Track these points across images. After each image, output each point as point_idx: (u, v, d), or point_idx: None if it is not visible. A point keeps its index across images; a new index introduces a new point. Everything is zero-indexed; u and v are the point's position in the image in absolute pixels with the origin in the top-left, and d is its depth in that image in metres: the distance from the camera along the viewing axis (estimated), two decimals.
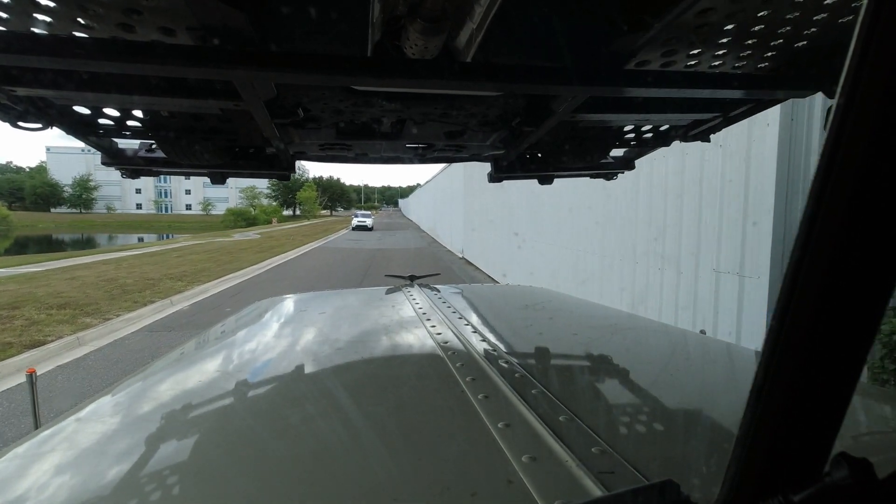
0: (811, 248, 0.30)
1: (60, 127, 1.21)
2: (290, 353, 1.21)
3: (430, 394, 0.90)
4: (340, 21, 0.88)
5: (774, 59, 1.05)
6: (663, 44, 0.94)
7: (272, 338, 1.40)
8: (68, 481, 0.67)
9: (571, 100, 1.15)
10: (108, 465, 0.70)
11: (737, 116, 1.43)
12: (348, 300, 1.88)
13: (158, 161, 1.52)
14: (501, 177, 1.88)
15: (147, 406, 0.92)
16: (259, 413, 0.87)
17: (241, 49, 0.84)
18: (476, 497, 0.57)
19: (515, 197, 10.48)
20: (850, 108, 0.28)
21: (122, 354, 6.10)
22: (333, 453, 0.69)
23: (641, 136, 1.69)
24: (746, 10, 0.83)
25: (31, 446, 0.79)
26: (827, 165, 0.29)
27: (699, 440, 0.77)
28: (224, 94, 1.05)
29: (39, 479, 0.68)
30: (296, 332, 1.42)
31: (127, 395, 1.01)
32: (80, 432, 0.84)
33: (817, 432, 0.34)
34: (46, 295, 8.94)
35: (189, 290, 10.21)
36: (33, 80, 0.94)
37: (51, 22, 0.76)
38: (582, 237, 6.78)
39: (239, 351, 1.28)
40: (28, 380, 1.65)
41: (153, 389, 1.03)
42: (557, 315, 1.69)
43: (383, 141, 1.52)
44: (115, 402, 0.98)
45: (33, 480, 0.68)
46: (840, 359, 0.32)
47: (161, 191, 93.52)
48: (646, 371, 1.10)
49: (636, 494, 0.47)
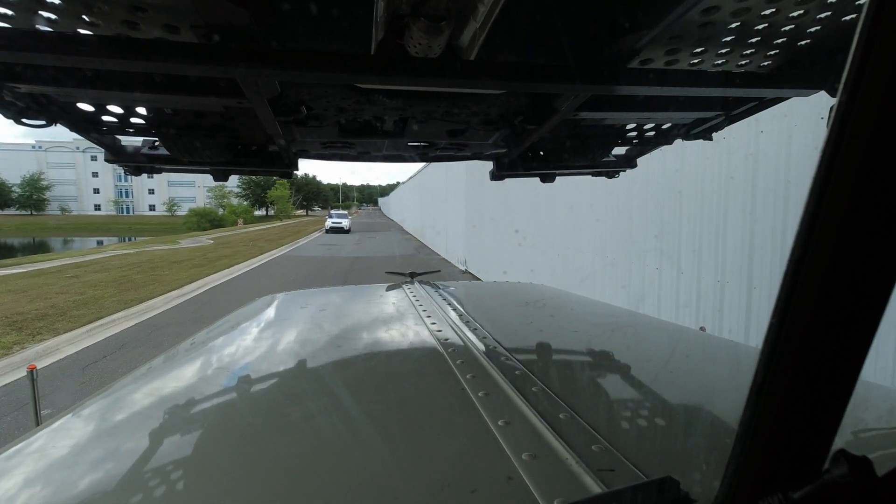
0: (812, 245, 0.30)
1: (63, 124, 1.21)
2: (290, 349, 1.21)
3: (431, 391, 0.90)
4: (344, 19, 0.89)
5: (777, 58, 1.05)
6: (667, 42, 0.94)
7: (272, 334, 1.40)
8: (69, 479, 0.67)
9: (574, 98, 1.14)
10: (109, 462, 0.70)
11: (739, 115, 1.43)
12: (349, 297, 1.88)
13: (161, 158, 1.53)
14: (503, 175, 1.88)
15: (147, 403, 0.92)
16: (259, 409, 0.87)
17: (246, 46, 0.84)
18: (476, 494, 0.57)
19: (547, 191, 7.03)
20: (851, 106, 0.28)
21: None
22: (334, 450, 0.69)
23: (644, 134, 1.68)
24: (751, 8, 0.83)
25: (32, 444, 0.79)
26: (828, 163, 0.29)
27: (699, 437, 0.77)
28: (228, 91, 1.05)
29: (40, 478, 0.68)
30: (296, 329, 1.42)
31: (127, 392, 1.01)
32: (81, 430, 0.84)
33: (817, 430, 0.34)
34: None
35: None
36: (36, 77, 0.94)
37: (56, 19, 0.76)
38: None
39: (239, 347, 1.27)
40: (29, 376, 1.73)
41: (153, 386, 1.03)
42: (558, 312, 1.68)
43: (385, 139, 1.52)
44: (115, 399, 0.98)
45: (34, 478, 0.68)
46: (840, 356, 0.32)
47: (121, 190, 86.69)
48: (646, 368, 1.10)
49: (636, 491, 0.47)
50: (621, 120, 1.47)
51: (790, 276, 0.31)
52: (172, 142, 1.37)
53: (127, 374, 1.14)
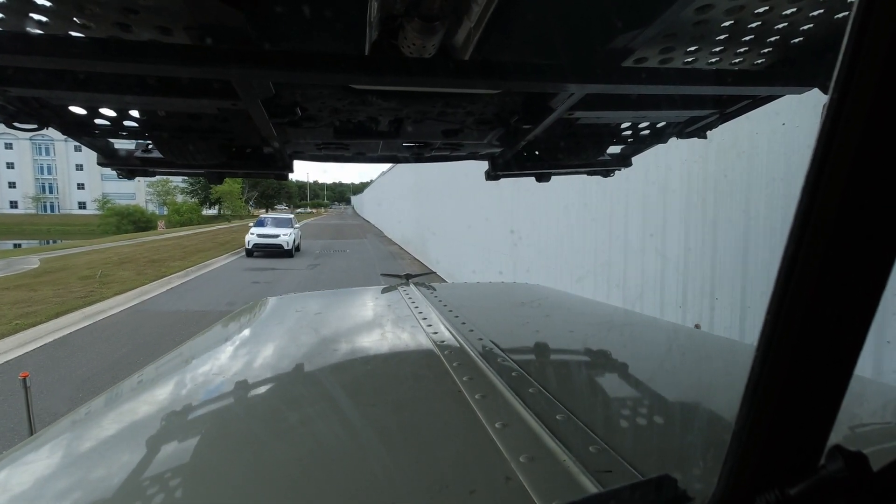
0: (805, 242, 0.30)
1: (55, 127, 1.19)
2: (286, 353, 1.20)
3: (427, 393, 0.89)
4: (338, 20, 0.88)
5: (771, 56, 1.05)
6: (661, 41, 0.94)
7: (267, 338, 1.38)
8: (65, 488, 0.66)
9: (569, 97, 1.13)
10: (103, 471, 0.69)
11: (733, 113, 1.42)
12: (344, 300, 1.86)
13: (154, 161, 1.50)
14: (498, 175, 1.87)
15: (142, 410, 0.91)
16: (255, 413, 0.86)
17: (240, 48, 0.83)
18: (474, 495, 0.57)
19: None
20: (843, 103, 0.28)
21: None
22: (331, 453, 0.69)
23: (638, 132, 1.67)
24: (745, 6, 0.83)
25: (26, 453, 0.78)
26: (820, 160, 0.29)
27: (695, 435, 0.77)
28: (222, 93, 1.03)
29: (35, 487, 0.67)
30: (291, 332, 1.39)
31: (121, 399, 0.99)
32: (77, 437, 0.83)
33: (812, 426, 0.34)
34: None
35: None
36: (27, 81, 0.92)
37: (47, 22, 0.75)
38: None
39: (234, 351, 1.26)
40: (22, 384, 1.61)
41: (148, 393, 1.01)
42: (554, 312, 1.67)
43: (380, 140, 1.50)
44: (111, 405, 0.97)
45: (29, 488, 0.67)
46: (835, 352, 0.32)
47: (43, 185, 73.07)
48: (642, 367, 1.10)
49: (633, 490, 0.47)
50: (616, 119, 1.47)
51: (784, 272, 0.31)
52: (166, 144, 1.35)
53: (121, 380, 1.12)
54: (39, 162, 73.11)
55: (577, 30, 0.96)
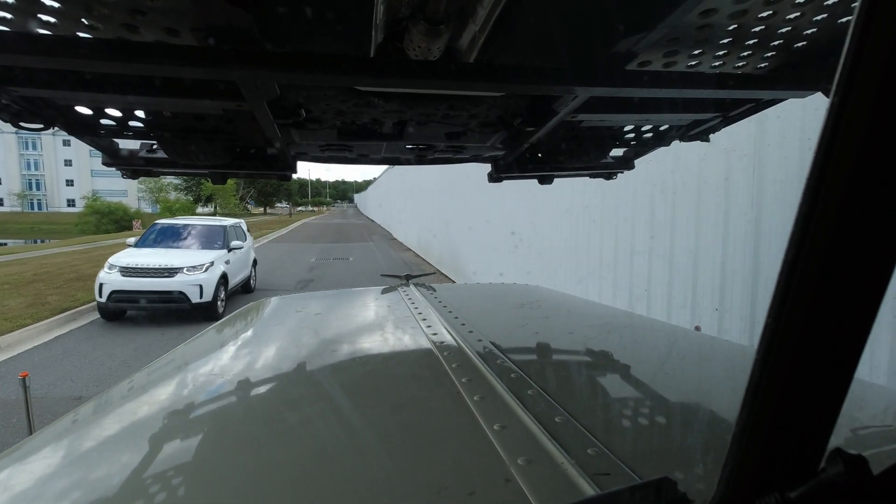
0: (806, 245, 0.30)
1: (60, 127, 1.18)
2: (286, 353, 1.19)
3: (426, 395, 0.89)
4: (344, 22, 0.87)
5: (774, 59, 1.05)
6: (665, 44, 0.93)
7: (267, 338, 1.38)
8: (64, 488, 0.65)
9: (573, 100, 1.13)
10: (104, 469, 0.69)
11: (736, 116, 1.42)
12: (344, 300, 1.85)
13: (159, 161, 1.49)
14: (501, 177, 1.86)
15: (141, 410, 0.90)
16: (255, 414, 0.86)
17: (246, 49, 0.82)
18: (473, 496, 0.56)
19: None
20: (844, 107, 0.28)
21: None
22: (330, 454, 0.69)
23: (641, 136, 1.67)
24: (749, 10, 0.82)
25: (25, 452, 0.77)
26: (822, 163, 0.29)
27: (695, 438, 0.76)
28: (227, 94, 1.03)
29: (35, 486, 0.66)
30: (291, 333, 1.39)
31: (120, 399, 0.99)
32: (76, 437, 0.82)
33: (813, 429, 0.34)
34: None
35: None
36: (33, 80, 0.92)
37: (55, 23, 0.74)
38: None
39: (234, 351, 1.25)
40: (21, 384, 1.66)
41: (149, 392, 1.01)
42: (553, 314, 1.66)
43: (384, 142, 1.50)
44: (111, 405, 0.96)
45: (28, 487, 0.66)
46: (835, 355, 0.32)
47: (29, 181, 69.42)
48: (641, 370, 1.08)
49: (633, 492, 0.47)
50: (619, 122, 1.47)
51: (785, 275, 0.31)
52: (170, 145, 1.35)
53: (120, 381, 1.11)
54: (26, 157, 69.18)
55: (581, 33, 0.96)
